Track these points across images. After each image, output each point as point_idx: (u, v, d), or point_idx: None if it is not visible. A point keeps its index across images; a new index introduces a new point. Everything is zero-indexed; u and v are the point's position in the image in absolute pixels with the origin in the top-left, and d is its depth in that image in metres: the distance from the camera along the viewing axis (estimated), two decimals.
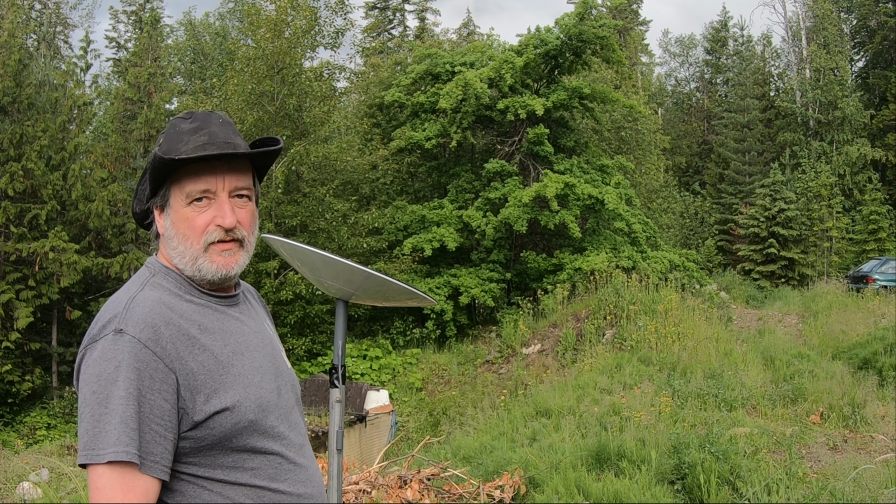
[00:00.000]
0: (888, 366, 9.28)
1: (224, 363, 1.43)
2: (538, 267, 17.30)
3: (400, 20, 40.65)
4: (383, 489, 4.66)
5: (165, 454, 1.33)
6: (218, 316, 1.50)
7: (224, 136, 1.48)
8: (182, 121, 1.52)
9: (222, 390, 1.40)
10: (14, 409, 17.47)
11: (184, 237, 1.47)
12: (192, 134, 1.47)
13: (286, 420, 1.51)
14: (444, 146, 19.07)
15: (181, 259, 1.48)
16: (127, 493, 1.27)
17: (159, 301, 1.42)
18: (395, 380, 15.17)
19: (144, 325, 1.35)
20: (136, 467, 1.28)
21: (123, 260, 19.60)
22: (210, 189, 1.46)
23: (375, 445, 9.38)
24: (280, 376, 1.56)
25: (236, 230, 1.49)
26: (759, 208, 26.67)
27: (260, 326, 1.61)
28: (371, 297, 2.18)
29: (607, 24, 18.14)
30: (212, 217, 1.46)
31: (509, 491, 4.78)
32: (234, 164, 1.49)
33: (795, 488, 4.69)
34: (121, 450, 1.27)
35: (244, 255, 1.52)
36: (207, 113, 1.54)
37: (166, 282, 1.48)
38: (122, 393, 1.30)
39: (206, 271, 1.48)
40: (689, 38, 46.17)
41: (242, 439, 1.41)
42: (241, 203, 1.50)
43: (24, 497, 6.00)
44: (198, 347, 1.40)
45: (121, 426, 1.28)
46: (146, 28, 24.68)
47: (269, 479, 1.43)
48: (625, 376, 8.52)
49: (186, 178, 1.46)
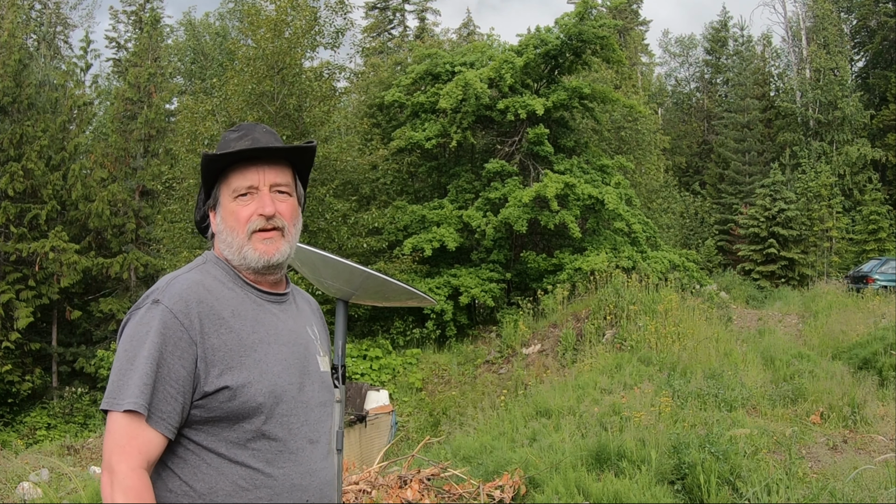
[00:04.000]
0: (888, 366, 9.28)
1: (248, 346, 1.57)
2: (538, 267, 17.29)
3: (400, 20, 40.65)
4: (383, 489, 4.66)
5: (174, 414, 1.49)
6: (255, 307, 1.65)
7: (266, 141, 1.69)
8: (231, 132, 1.74)
9: (237, 369, 1.53)
10: (14, 409, 17.47)
11: (231, 229, 1.66)
12: (237, 140, 1.69)
13: (301, 414, 1.62)
14: (444, 146, 19.06)
15: (229, 249, 1.67)
16: (131, 439, 1.44)
17: (199, 283, 1.60)
18: (395, 380, 15.16)
19: (178, 298, 1.54)
20: (144, 419, 1.45)
21: (123, 260, 19.61)
22: (253, 185, 1.65)
23: (375, 445, 9.36)
24: (307, 375, 1.67)
25: (276, 219, 1.66)
26: (759, 208, 26.66)
27: (299, 327, 1.73)
28: (371, 297, 2.18)
29: (607, 23, 18.13)
30: (255, 209, 1.65)
31: (509, 491, 4.78)
32: (274, 163, 1.69)
33: (795, 488, 4.69)
34: (132, 401, 1.44)
35: (286, 245, 1.68)
36: (253, 124, 1.75)
37: (215, 270, 1.67)
38: (146, 353, 1.48)
39: (250, 258, 1.65)
40: (689, 38, 46.23)
41: (250, 419, 1.53)
42: (281, 198, 1.69)
43: (24, 497, 6.00)
44: (224, 327, 1.55)
45: (138, 381, 1.46)
46: (146, 28, 24.69)
47: (266, 462, 1.54)
48: (625, 376, 8.51)
49: (232, 175, 1.67)
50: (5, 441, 14.93)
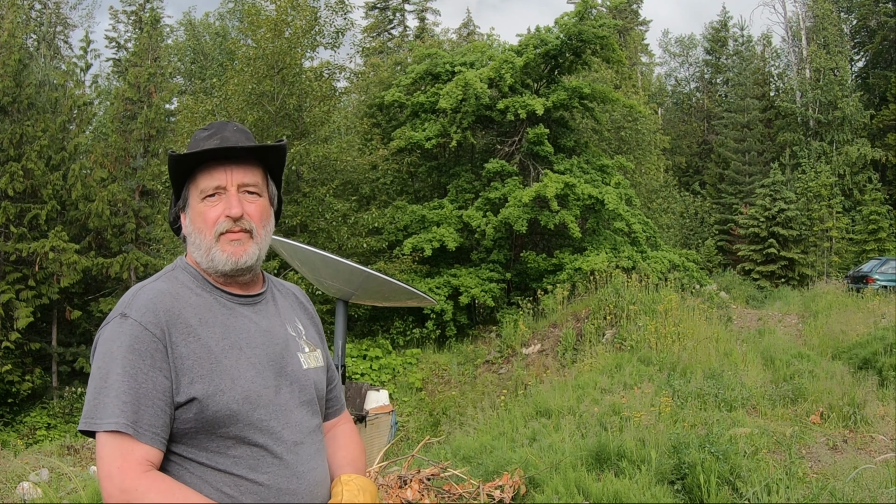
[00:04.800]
0: (888, 366, 9.27)
1: (216, 354, 1.53)
2: (538, 267, 17.29)
3: (400, 20, 40.66)
4: (383, 489, 4.65)
5: (165, 427, 1.47)
6: (224, 311, 1.61)
7: (235, 140, 1.64)
8: (202, 131, 1.71)
9: (206, 378, 1.50)
10: (14, 409, 17.46)
11: (199, 230, 1.62)
12: (207, 140, 1.66)
13: (281, 417, 1.58)
14: (444, 146, 19.07)
15: (198, 251, 1.63)
16: (127, 455, 1.41)
17: (166, 292, 1.56)
18: (395, 380, 15.16)
19: (146, 310, 1.51)
20: (132, 437, 1.42)
21: (123, 260, 19.60)
22: (221, 185, 1.62)
23: (375, 445, 9.35)
24: (284, 376, 1.62)
25: (244, 220, 1.62)
26: (759, 208, 26.67)
27: (275, 327, 1.68)
28: (371, 297, 2.19)
29: (607, 23, 18.13)
30: (222, 210, 1.61)
31: (509, 491, 4.78)
32: (243, 163, 1.65)
33: (795, 488, 4.69)
34: (113, 421, 1.41)
35: (254, 247, 1.64)
36: (224, 122, 1.72)
37: (183, 276, 1.63)
38: (119, 370, 1.45)
39: (217, 260, 1.61)
40: (689, 38, 46.26)
41: (226, 427, 1.50)
42: (250, 199, 1.64)
43: (24, 497, 6.00)
44: (192, 336, 1.52)
45: (116, 399, 1.43)
46: (146, 28, 24.69)
47: (249, 469, 1.52)
48: (625, 376, 8.51)
49: (200, 176, 1.63)
50: (5, 441, 14.92)
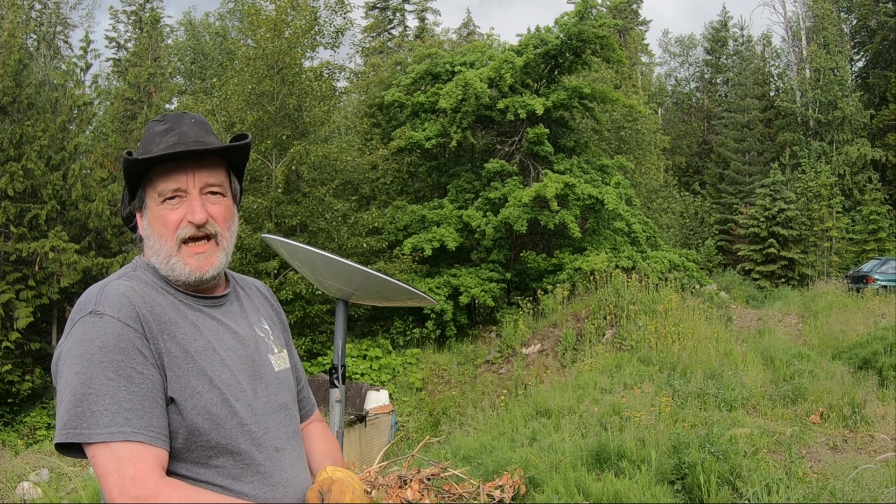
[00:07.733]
0: (888, 366, 9.27)
1: (192, 355, 1.42)
2: (538, 267, 17.29)
3: (400, 20, 40.66)
4: (383, 489, 4.65)
5: (167, 426, 1.36)
6: (192, 312, 1.49)
7: (195, 136, 1.50)
8: (156, 123, 1.54)
9: (185, 378, 1.39)
10: (14, 409, 17.45)
11: (159, 235, 1.49)
12: (163, 135, 1.50)
13: (261, 422, 1.48)
14: (444, 146, 19.07)
15: (157, 257, 1.50)
16: (137, 462, 1.28)
17: (132, 288, 1.43)
18: (395, 380, 15.16)
19: (121, 305, 1.37)
20: (143, 443, 1.30)
21: (123, 260, 19.57)
22: (181, 187, 1.48)
23: (375, 445, 9.36)
24: (259, 379, 1.52)
25: (208, 225, 1.49)
26: (759, 208, 26.67)
27: (244, 328, 1.57)
28: (371, 297, 2.18)
29: (607, 23, 18.13)
30: (183, 214, 1.48)
31: (509, 491, 4.78)
32: (205, 161, 1.50)
33: (795, 488, 4.69)
34: (118, 430, 1.28)
35: (220, 255, 1.52)
36: (180, 114, 1.56)
37: (146, 276, 1.50)
38: (110, 374, 1.31)
39: (178, 272, 1.48)
40: (689, 38, 46.27)
41: (206, 435, 1.39)
42: (214, 199, 1.51)
43: (24, 497, 6.00)
44: (167, 334, 1.41)
45: (114, 407, 1.29)
46: (146, 28, 24.69)
47: (232, 478, 1.41)
48: (625, 376, 8.51)
49: (158, 178, 1.48)
50: (5, 441, 14.92)
